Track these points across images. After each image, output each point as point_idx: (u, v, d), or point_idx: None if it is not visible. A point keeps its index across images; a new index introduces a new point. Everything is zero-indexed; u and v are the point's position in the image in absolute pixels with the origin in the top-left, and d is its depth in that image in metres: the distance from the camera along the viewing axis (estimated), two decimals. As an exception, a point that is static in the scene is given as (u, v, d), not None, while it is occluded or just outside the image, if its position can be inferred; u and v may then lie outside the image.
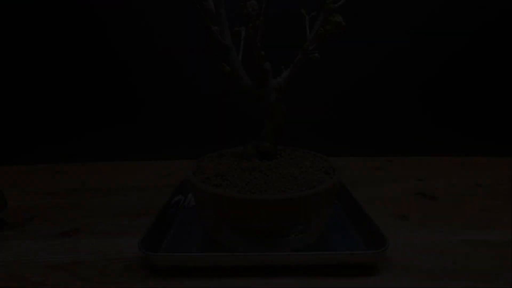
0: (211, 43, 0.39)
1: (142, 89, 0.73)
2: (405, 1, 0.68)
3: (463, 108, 0.75)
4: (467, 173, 0.67)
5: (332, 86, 0.71)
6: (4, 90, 0.72)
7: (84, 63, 0.71)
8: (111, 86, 0.73)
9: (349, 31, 0.46)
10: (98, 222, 0.47)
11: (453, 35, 0.70)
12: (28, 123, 0.74)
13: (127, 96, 0.73)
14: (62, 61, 0.71)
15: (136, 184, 0.63)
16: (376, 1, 0.67)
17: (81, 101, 0.73)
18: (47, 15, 0.68)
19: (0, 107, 0.73)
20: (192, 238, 0.42)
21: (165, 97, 0.74)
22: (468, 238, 0.41)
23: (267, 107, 0.43)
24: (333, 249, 0.39)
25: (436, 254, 0.38)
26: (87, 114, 0.74)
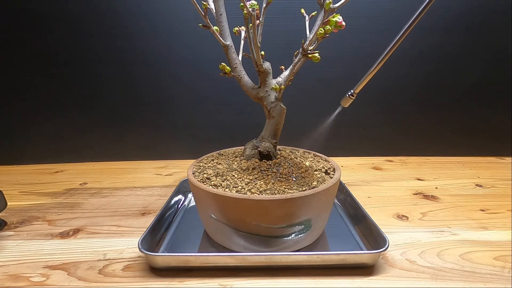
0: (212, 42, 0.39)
1: (142, 89, 0.73)
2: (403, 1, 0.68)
3: (463, 108, 0.75)
4: (467, 173, 0.67)
5: (332, 86, 0.71)
6: (5, 90, 0.72)
7: (84, 63, 0.71)
8: (111, 86, 0.73)
9: (350, 31, 0.47)
10: (98, 222, 0.47)
11: (449, 33, 0.70)
12: (28, 123, 0.74)
13: (127, 96, 0.73)
14: (62, 62, 0.71)
15: (136, 184, 0.63)
16: (376, 1, 0.67)
17: (81, 101, 0.73)
18: (50, 17, 0.68)
19: (1, 107, 0.73)
20: (192, 238, 0.42)
21: (165, 97, 0.74)
22: (468, 238, 0.41)
23: (267, 107, 0.43)
24: (333, 249, 0.39)
25: (436, 254, 0.38)
26: (87, 114, 0.74)
